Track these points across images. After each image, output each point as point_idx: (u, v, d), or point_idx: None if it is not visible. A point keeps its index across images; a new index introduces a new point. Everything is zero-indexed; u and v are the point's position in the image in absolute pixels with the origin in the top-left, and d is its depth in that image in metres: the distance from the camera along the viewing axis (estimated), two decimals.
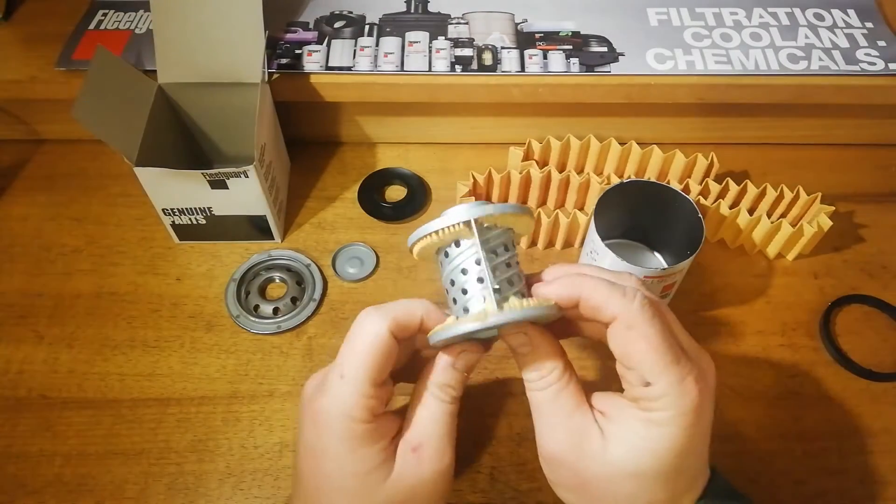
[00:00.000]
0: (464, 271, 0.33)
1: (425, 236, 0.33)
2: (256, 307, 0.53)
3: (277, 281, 0.55)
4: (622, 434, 0.33)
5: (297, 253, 0.55)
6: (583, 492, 0.34)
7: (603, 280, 0.33)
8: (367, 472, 0.34)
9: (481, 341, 0.36)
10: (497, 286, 0.33)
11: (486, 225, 0.33)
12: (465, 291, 0.33)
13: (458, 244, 0.33)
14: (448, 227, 0.32)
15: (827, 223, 0.53)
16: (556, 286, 0.34)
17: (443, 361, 0.35)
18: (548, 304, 0.33)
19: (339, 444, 0.34)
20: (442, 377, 0.35)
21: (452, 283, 0.34)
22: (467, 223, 0.32)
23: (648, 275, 0.47)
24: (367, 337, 0.33)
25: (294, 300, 0.53)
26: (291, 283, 0.54)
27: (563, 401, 0.34)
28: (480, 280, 0.33)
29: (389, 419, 0.35)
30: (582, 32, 0.60)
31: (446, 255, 0.34)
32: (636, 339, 0.32)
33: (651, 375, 0.32)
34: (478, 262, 0.33)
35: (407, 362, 0.39)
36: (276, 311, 0.52)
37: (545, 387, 0.35)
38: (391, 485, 0.34)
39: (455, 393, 0.36)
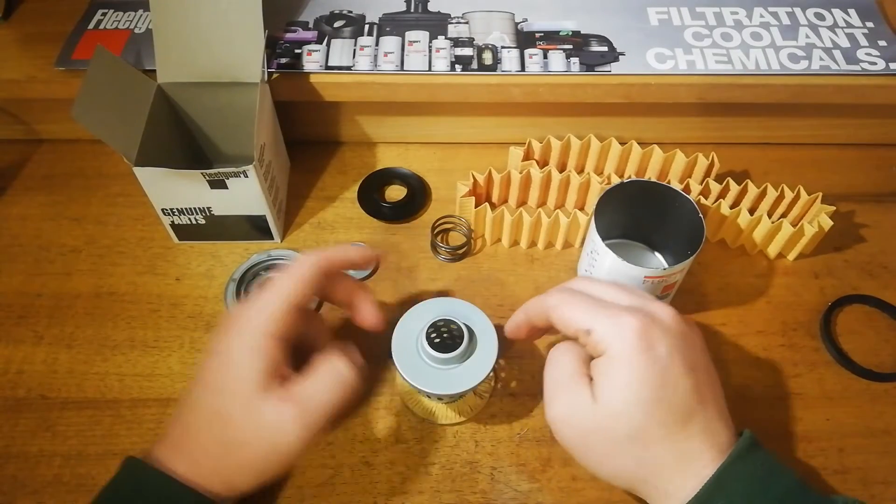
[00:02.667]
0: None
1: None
2: None
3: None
4: (599, 385, 0.37)
5: (297, 253, 0.55)
6: (586, 446, 0.38)
7: (536, 298, 0.42)
8: (243, 378, 0.37)
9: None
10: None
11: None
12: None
13: None
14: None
15: (828, 223, 0.53)
16: (510, 323, 0.44)
17: (340, 346, 0.40)
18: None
19: (234, 342, 0.38)
20: (341, 362, 0.39)
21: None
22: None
23: (649, 275, 0.47)
24: (298, 266, 0.39)
25: None
26: None
27: (558, 374, 0.40)
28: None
29: (288, 369, 0.39)
30: (582, 32, 0.60)
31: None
32: (558, 313, 0.39)
33: (586, 325, 0.38)
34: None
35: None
36: None
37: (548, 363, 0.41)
38: (246, 413, 0.37)
39: (351, 382, 0.39)
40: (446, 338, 0.45)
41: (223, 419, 0.37)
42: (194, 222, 0.54)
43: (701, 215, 0.48)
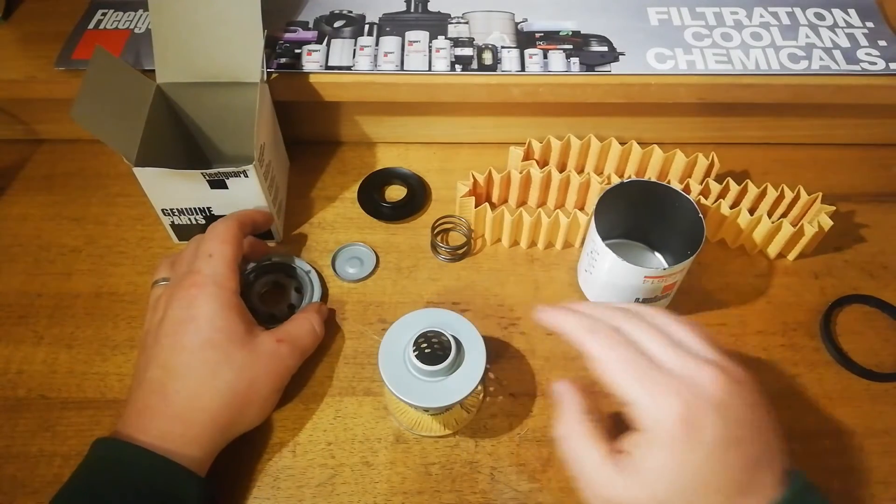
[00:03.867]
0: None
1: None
2: (254, 311, 0.51)
3: (276, 286, 0.54)
4: (640, 468, 0.34)
5: (298, 258, 0.54)
6: None
7: (578, 316, 0.38)
8: (233, 330, 0.43)
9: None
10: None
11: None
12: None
13: None
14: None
15: (828, 223, 0.53)
16: (545, 314, 0.40)
17: (321, 307, 0.51)
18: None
19: (210, 304, 0.42)
20: (320, 316, 0.49)
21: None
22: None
23: (649, 275, 0.47)
24: (223, 228, 0.46)
25: (291, 307, 0.52)
26: (290, 290, 0.53)
27: (588, 457, 0.37)
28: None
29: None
30: (582, 32, 0.60)
31: None
32: (600, 370, 0.36)
33: (627, 397, 0.35)
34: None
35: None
36: (272, 317, 0.51)
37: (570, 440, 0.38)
38: (249, 353, 0.43)
39: (321, 331, 0.49)
40: (436, 349, 0.45)
41: (229, 365, 0.42)
42: (194, 222, 0.54)
43: (701, 215, 0.48)
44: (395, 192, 0.61)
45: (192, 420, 0.41)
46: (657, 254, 0.55)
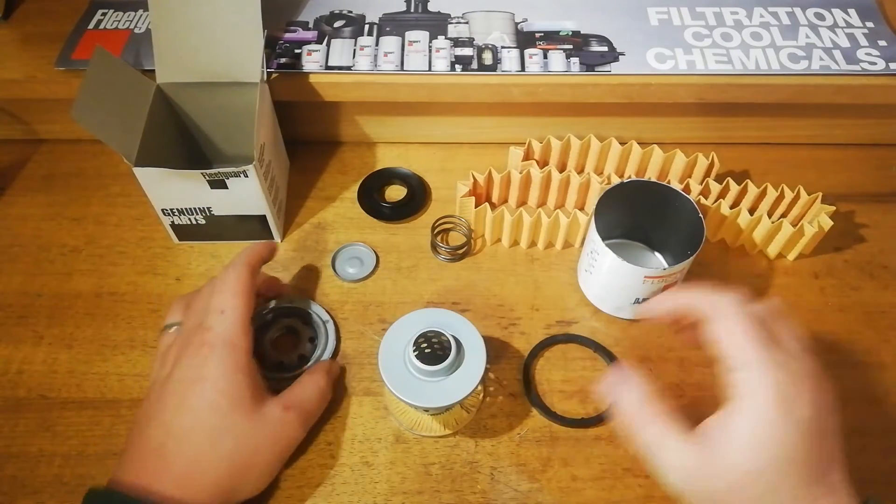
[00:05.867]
0: None
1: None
2: (262, 356, 0.49)
3: (290, 331, 0.51)
4: (726, 437, 0.35)
5: (316, 304, 0.52)
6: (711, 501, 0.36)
7: (697, 289, 0.40)
8: (239, 395, 0.41)
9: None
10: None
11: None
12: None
13: None
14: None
15: (828, 223, 0.53)
16: (659, 299, 0.43)
17: (332, 367, 0.48)
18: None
19: (220, 368, 0.41)
20: (329, 379, 0.47)
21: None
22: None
23: (649, 275, 0.47)
24: (234, 279, 0.44)
25: (302, 358, 0.49)
26: (304, 339, 0.50)
27: (654, 428, 0.38)
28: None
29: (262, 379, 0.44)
30: (582, 32, 0.60)
31: None
32: (723, 328, 0.37)
33: (736, 360, 0.36)
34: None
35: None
36: (280, 364, 0.49)
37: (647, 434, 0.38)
38: (253, 422, 0.41)
39: (329, 395, 0.47)
40: (436, 349, 0.45)
41: (233, 433, 0.41)
42: (194, 222, 0.54)
43: (701, 215, 0.48)
44: (395, 192, 0.61)
45: (190, 485, 0.39)
46: (657, 254, 0.55)
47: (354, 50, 0.58)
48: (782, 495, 0.35)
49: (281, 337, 0.51)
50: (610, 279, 0.49)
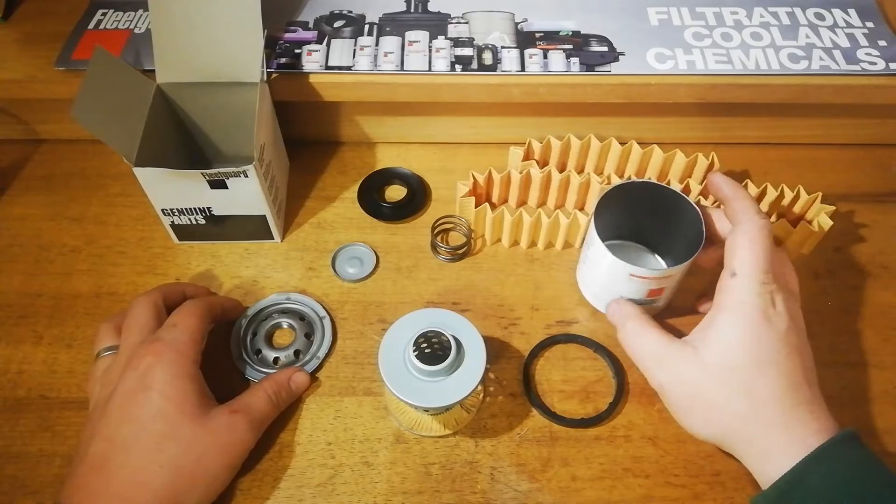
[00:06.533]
0: None
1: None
2: (259, 352, 0.50)
3: (286, 327, 0.52)
4: (710, 339, 0.41)
5: (315, 302, 0.53)
6: (693, 405, 0.41)
7: (748, 197, 0.43)
8: (185, 400, 0.41)
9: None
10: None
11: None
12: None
13: None
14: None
15: (827, 223, 0.53)
16: (718, 179, 0.46)
17: (283, 376, 0.47)
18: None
19: (165, 374, 0.41)
20: (277, 386, 0.46)
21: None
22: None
23: (649, 275, 0.47)
24: (191, 304, 0.46)
25: (297, 353, 0.50)
26: (300, 335, 0.51)
27: (651, 345, 0.44)
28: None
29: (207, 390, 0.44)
30: (582, 32, 0.60)
31: None
32: (741, 236, 0.41)
33: (739, 268, 0.41)
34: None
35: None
36: (276, 360, 0.50)
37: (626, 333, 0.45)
38: (199, 427, 0.41)
39: (280, 401, 0.46)
40: (436, 349, 0.45)
41: (178, 439, 0.40)
42: (194, 222, 0.54)
43: (702, 219, 0.48)
44: (395, 192, 0.61)
45: (134, 497, 0.39)
46: (656, 255, 0.55)
47: (354, 50, 0.58)
48: (760, 392, 0.39)
49: (277, 332, 0.52)
50: (609, 280, 0.49)
